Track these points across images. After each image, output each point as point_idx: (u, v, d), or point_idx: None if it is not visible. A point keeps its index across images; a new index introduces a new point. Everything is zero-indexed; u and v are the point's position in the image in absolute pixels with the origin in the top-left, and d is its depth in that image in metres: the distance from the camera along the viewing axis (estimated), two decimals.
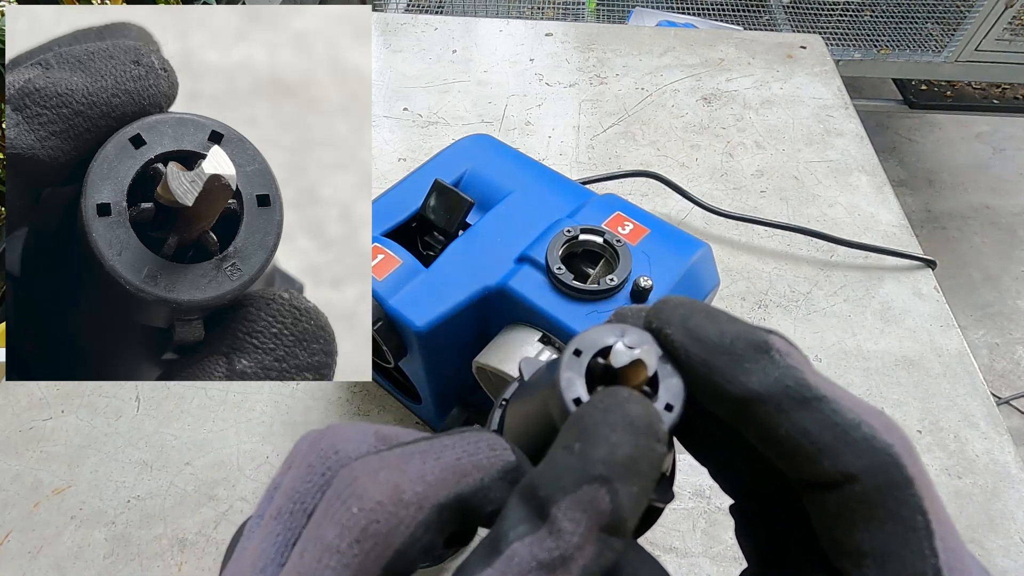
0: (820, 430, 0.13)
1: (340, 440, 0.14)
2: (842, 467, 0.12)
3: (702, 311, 0.14)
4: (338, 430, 0.14)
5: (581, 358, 0.14)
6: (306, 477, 0.13)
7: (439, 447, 0.13)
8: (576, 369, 0.14)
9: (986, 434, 0.47)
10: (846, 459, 0.12)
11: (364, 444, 0.14)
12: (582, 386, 0.14)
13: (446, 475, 0.13)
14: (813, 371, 0.14)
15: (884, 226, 0.62)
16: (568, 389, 0.14)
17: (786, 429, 0.13)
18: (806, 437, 0.13)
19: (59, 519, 0.43)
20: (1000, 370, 1.49)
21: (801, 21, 1.57)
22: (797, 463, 0.13)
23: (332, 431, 0.14)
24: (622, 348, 0.14)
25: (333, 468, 0.13)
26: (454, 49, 0.84)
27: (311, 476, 0.13)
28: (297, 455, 0.14)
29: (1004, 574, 0.41)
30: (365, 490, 0.12)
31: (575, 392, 0.14)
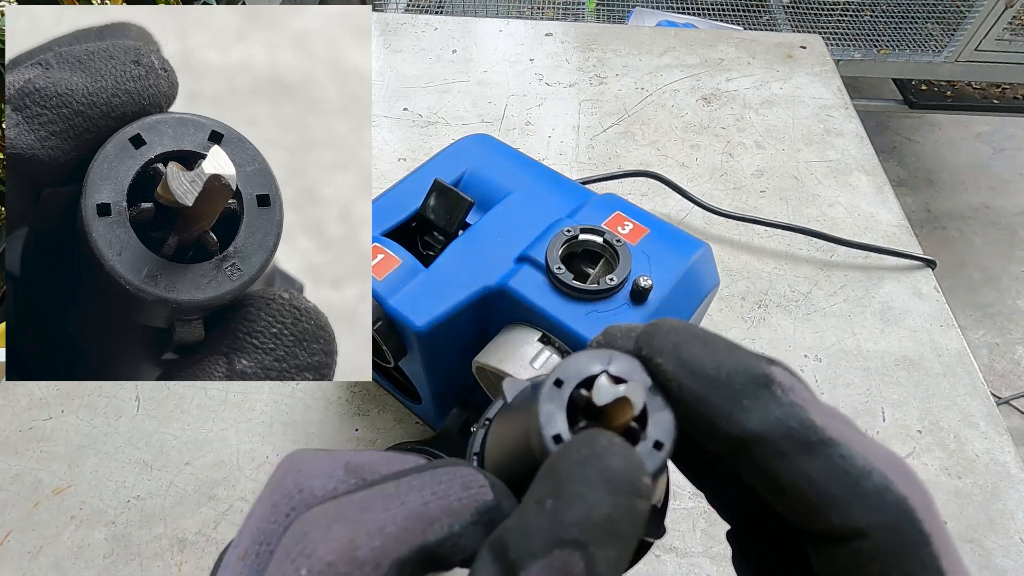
0: (827, 479, 0.11)
1: (305, 476, 0.13)
2: (851, 521, 0.11)
3: (698, 338, 0.13)
4: (306, 464, 0.13)
5: (563, 389, 0.13)
6: (270, 517, 0.13)
7: (405, 488, 0.12)
8: (556, 401, 0.13)
9: (986, 434, 0.47)
10: (856, 513, 0.11)
11: (331, 480, 0.13)
12: (563, 421, 0.13)
13: (410, 524, 0.11)
14: (820, 408, 0.12)
15: (884, 226, 0.62)
16: (547, 425, 0.13)
17: (789, 476, 0.12)
18: (811, 486, 0.12)
19: (59, 519, 0.43)
20: (1000, 370, 1.49)
21: (801, 21, 1.57)
22: (801, 513, 0.12)
23: (300, 463, 0.13)
24: (606, 383, 0.13)
25: (297, 508, 0.12)
26: (454, 49, 0.84)
27: (275, 516, 0.12)
28: (268, 484, 0.13)
29: (1004, 574, 0.41)
30: (315, 548, 0.11)
31: (555, 428, 0.13)
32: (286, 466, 0.13)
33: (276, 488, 0.13)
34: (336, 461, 0.13)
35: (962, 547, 0.42)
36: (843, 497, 0.11)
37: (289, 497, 0.13)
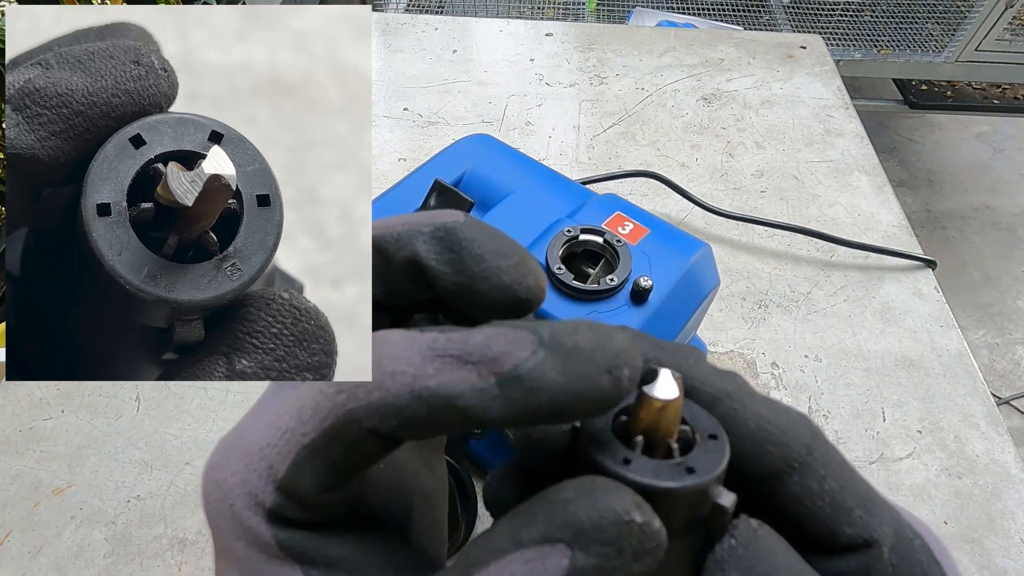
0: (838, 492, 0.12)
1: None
2: (865, 532, 0.12)
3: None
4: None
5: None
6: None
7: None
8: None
9: (986, 434, 0.47)
10: (870, 523, 0.12)
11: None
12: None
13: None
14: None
15: (884, 226, 0.62)
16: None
17: (792, 490, 0.12)
18: (821, 499, 0.12)
19: (59, 519, 0.43)
20: (1000, 370, 1.49)
21: (801, 21, 1.57)
22: (808, 523, 0.12)
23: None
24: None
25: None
26: (454, 49, 0.84)
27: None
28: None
29: (1004, 574, 0.41)
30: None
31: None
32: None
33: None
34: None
35: (962, 547, 0.42)
36: (852, 507, 0.12)
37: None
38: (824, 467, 0.12)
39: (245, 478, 0.12)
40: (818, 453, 0.12)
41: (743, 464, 0.13)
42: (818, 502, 0.12)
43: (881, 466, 0.46)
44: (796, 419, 0.13)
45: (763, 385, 0.50)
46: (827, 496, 0.12)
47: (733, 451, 0.12)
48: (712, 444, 0.12)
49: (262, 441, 0.12)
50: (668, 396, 0.12)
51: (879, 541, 0.12)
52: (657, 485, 0.11)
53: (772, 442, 0.12)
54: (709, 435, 0.12)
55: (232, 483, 0.12)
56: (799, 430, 0.12)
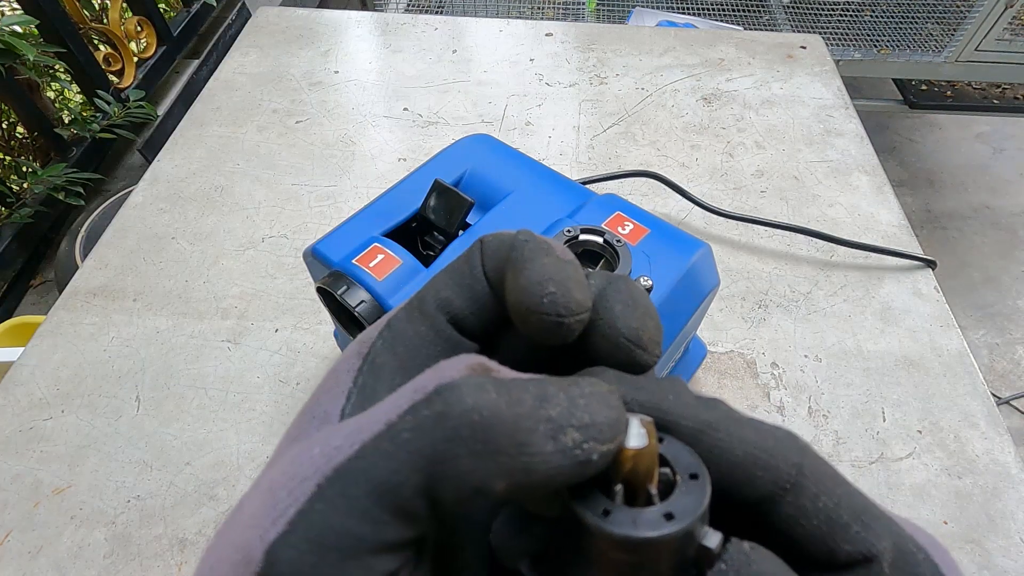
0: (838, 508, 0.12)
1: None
2: (864, 547, 0.12)
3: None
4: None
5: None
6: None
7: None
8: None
9: (986, 434, 0.47)
10: (869, 538, 0.12)
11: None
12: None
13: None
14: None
15: (884, 226, 0.62)
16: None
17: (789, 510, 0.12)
18: (818, 517, 0.12)
19: (59, 519, 0.43)
20: (1000, 370, 1.49)
21: (801, 21, 1.57)
22: (807, 540, 0.12)
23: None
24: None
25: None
26: (454, 49, 0.84)
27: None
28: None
29: (1004, 574, 0.41)
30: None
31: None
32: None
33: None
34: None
35: (962, 547, 0.42)
36: (848, 523, 0.12)
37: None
38: (816, 484, 0.12)
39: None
40: (808, 471, 0.12)
41: (734, 492, 0.12)
42: (813, 521, 0.12)
43: (881, 466, 0.46)
44: (783, 439, 0.13)
45: (763, 385, 0.50)
46: (822, 514, 0.12)
47: (723, 480, 0.12)
48: (692, 484, 0.12)
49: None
50: (638, 444, 0.12)
51: (879, 556, 0.12)
52: (635, 536, 0.11)
53: (760, 466, 0.12)
54: (690, 475, 0.12)
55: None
56: (787, 450, 0.12)
